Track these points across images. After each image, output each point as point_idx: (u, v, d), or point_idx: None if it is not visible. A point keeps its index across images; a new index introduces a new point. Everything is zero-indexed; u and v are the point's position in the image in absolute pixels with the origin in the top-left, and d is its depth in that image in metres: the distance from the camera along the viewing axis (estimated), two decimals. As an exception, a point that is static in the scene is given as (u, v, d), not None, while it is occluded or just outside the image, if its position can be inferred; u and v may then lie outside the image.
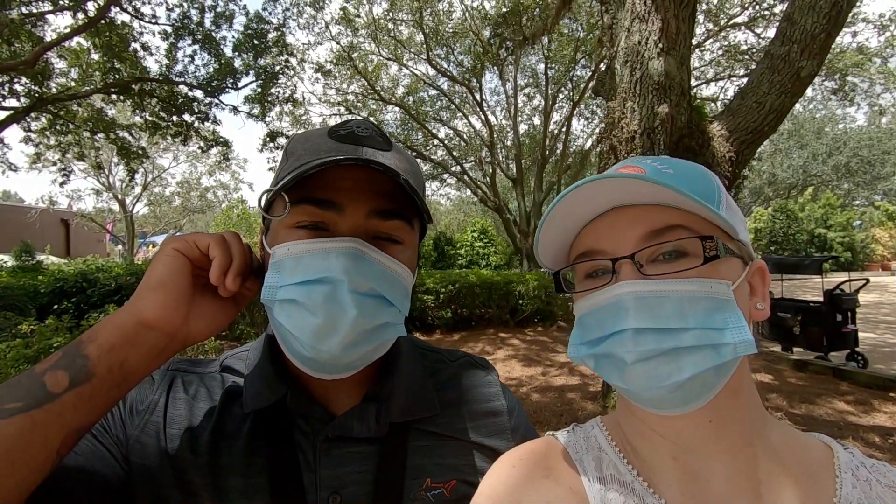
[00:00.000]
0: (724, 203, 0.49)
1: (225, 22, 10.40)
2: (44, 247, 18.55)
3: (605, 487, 0.50)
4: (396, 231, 0.60)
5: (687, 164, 0.52)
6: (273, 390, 0.63)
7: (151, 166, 25.96)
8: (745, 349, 0.43)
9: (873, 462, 0.51)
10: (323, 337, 0.53)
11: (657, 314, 0.44)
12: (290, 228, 0.58)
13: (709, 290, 0.45)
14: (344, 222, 0.57)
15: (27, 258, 12.49)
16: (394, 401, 0.65)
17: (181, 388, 0.65)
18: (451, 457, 0.66)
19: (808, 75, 3.07)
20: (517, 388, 5.41)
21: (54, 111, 9.77)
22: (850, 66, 12.44)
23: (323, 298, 0.53)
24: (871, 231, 28.29)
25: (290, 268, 0.56)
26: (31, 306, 6.23)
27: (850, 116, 36.21)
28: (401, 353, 0.70)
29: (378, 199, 0.58)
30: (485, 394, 0.73)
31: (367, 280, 0.55)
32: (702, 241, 0.45)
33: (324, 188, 0.57)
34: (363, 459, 0.62)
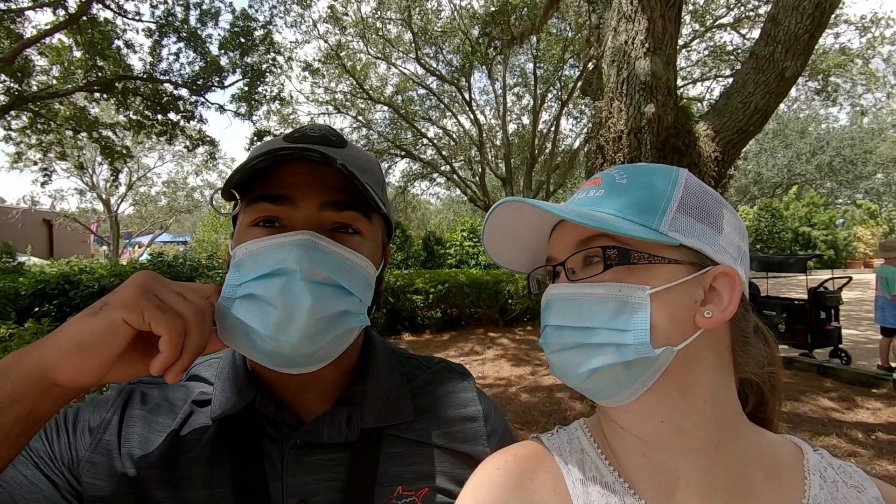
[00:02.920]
0: (670, 212, 0.51)
1: (210, 19, 10.24)
2: (25, 248, 18.20)
3: (587, 489, 0.52)
4: (352, 221, 0.61)
5: (646, 171, 0.55)
6: (242, 395, 0.61)
7: (136, 166, 25.56)
8: (644, 352, 0.46)
9: (840, 463, 0.54)
10: (281, 327, 0.53)
11: (570, 313, 0.51)
12: (248, 227, 0.59)
13: (616, 294, 0.48)
14: (298, 215, 0.58)
15: (8, 259, 12.22)
16: (367, 406, 0.64)
17: (138, 401, 0.63)
18: (425, 464, 0.65)
19: (792, 75, 3.10)
20: (506, 388, 5.41)
21: (35, 109, 9.55)
22: (832, 67, 12.63)
23: (278, 289, 0.53)
24: (854, 229, 28.78)
25: (249, 265, 0.56)
26: (11, 309, 6.09)
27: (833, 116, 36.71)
28: (375, 357, 0.69)
29: (330, 191, 0.59)
30: (460, 399, 0.72)
31: (322, 269, 0.55)
32: (602, 251, 0.50)
33: (276, 185, 0.58)
34: (333, 466, 0.61)
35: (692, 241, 0.50)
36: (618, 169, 0.56)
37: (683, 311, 0.48)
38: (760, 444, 0.53)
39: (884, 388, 5.32)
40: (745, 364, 0.53)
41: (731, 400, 0.52)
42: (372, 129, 17.30)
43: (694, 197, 0.52)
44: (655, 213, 0.50)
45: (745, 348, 0.53)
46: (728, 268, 0.50)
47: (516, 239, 0.60)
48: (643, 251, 0.49)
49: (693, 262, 0.50)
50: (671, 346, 0.47)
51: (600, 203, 0.53)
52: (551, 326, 0.53)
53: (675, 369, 0.48)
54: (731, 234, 0.53)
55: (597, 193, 0.54)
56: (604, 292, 0.49)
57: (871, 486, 0.51)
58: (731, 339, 0.52)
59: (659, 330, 0.47)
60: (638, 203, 0.51)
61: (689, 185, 0.53)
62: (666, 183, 0.53)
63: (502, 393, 5.23)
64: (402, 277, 9.08)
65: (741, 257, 0.53)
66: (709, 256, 0.50)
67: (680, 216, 0.50)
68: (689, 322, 0.48)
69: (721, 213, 0.53)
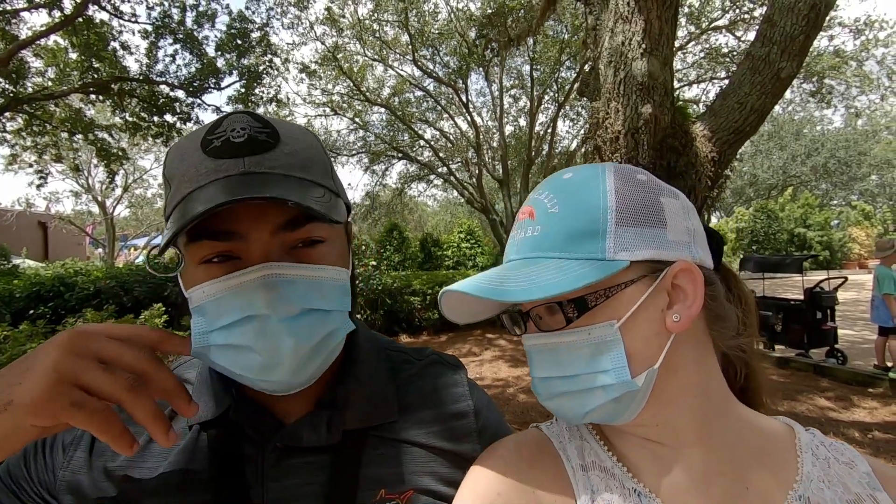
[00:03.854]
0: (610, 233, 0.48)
1: (207, 21, 10.23)
2: (20, 250, 18.09)
3: (587, 474, 0.53)
4: (314, 232, 0.55)
5: (574, 188, 0.52)
6: (218, 402, 0.59)
7: (132, 168, 25.50)
8: (628, 387, 0.47)
9: (831, 441, 0.55)
10: (268, 371, 0.51)
11: (550, 364, 0.52)
12: (199, 265, 0.52)
13: (587, 338, 0.49)
14: (251, 248, 0.52)
15: (2, 262, 12.15)
16: (349, 407, 0.62)
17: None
18: (410, 465, 0.62)
19: (787, 76, 3.12)
20: (504, 389, 5.41)
21: (30, 111, 9.50)
22: (827, 69, 12.71)
23: (254, 335, 0.50)
24: (849, 230, 28.90)
25: (213, 310, 0.51)
26: (6, 311, 6.06)
27: (828, 118, 37.00)
28: (360, 356, 0.67)
29: (280, 213, 0.52)
30: (450, 395, 0.69)
31: (293, 303, 0.51)
32: (560, 307, 0.49)
33: (219, 220, 0.50)
34: (315, 470, 0.58)
35: (641, 254, 0.48)
36: (545, 191, 0.54)
37: (653, 325, 0.48)
38: (753, 426, 0.54)
39: (880, 387, 5.35)
40: (723, 336, 0.53)
41: (718, 383, 0.53)
42: (369, 130, 17.30)
43: (627, 200, 0.50)
44: (596, 238, 0.48)
45: (720, 322, 0.53)
46: (683, 263, 0.49)
47: (477, 308, 0.59)
48: (597, 289, 0.48)
49: (647, 273, 0.49)
50: (651, 368, 0.47)
51: (540, 245, 0.51)
52: (538, 378, 0.54)
53: (661, 382, 0.48)
54: (676, 220, 0.51)
55: (533, 233, 0.52)
56: (575, 339, 0.49)
57: (862, 461, 0.52)
58: (706, 322, 0.52)
59: (636, 356, 0.47)
60: (576, 233, 0.49)
61: (618, 188, 0.50)
62: (596, 196, 0.50)
63: (500, 394, 5.23)
64: (400, 279, 9.08)
65: (693, 237, 0.51)
66: (661, 258, 0.49)
67: (621, 231, 0.48)
68: (662, 332, 0.48)
69: (658, 203, 0.50)
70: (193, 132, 0.57)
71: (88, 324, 0.53)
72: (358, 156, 17.87)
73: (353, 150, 17.69)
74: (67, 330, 0.45)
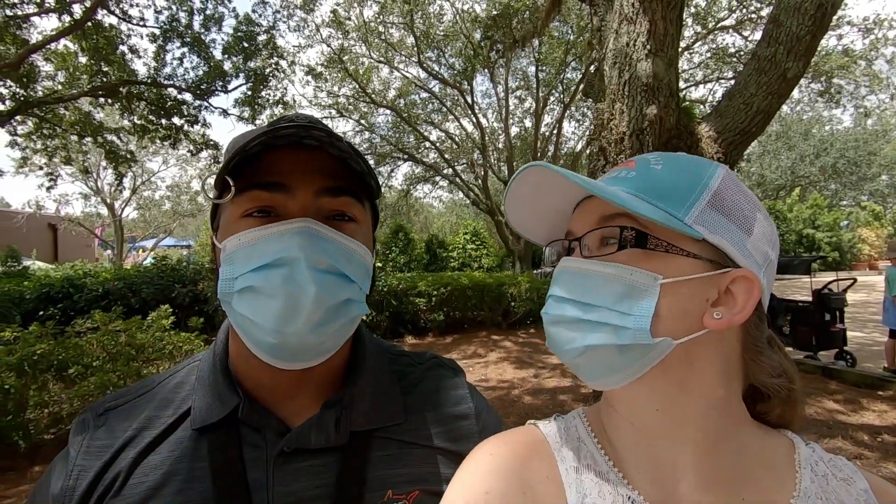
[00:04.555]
0: (699, 204, 0.49)
1: (214, 24, 10.32)
2: (31, 252, 18.29)
3: (580, 477, 0.52)
4: (348, 208, 0.60)
5: (684, 161, 0.54)
6: (224, 402, 0.59)
7: (140, 170, 25.71)
8: (642, 338, 0.46)
9: (831, 457, 0.54)
10: (287, 319, 0.52)
11: (572, 287, 0.51)
12: (239, 219, 0.56)
13: (627, 277, 0.48)
14: (293, 203, 0.56)
15: (13, 264, 12.28)
16: (355, 408, 0.62)
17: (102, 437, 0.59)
18: (416, 466, 0.62)
19: (794, 76, 3.09)
20: (509, 391, 5.40)
21: (41, 115, 9.62)
22: (835, 68, 12.61)
23: (282, 280, 0.52)
24: (858, 231, 28.62)
25: (244, 256, 0.54)
26: (16, 313, 6.14)
27: (837, 118, 36.65)
28: (366, 356, 0.67)
29: (325, 177, 0.58)
30: (452, 397, 0.70)
31: (324, 256, 0.54)
32: (620, 230, 0.49)
33: (269, 172, 0.56)
34: (321, 472, 0.58)
35: (716, 239, 0.48)
36: (655, 155, 0.55)
37: (692, 306, 0.47)
38: (756, 440, 0.53)
39: (889, 390, 5.28)
40: (756, 373, 0.52)
41: (734, 402, 0.52)
42: (374, 132, 17.37)
43: (728, 194, 0.50)
44: (684, 202, 0.49)
45: (756, 357, 0.52)
46: (749, 272, 0.48)
47: (538, 208, 0.58)
48: (662, 238, 0.48)
49: (713, 260, 0.48)
50: (670, 338, 0.46)
51: (629, 184, 0.51)
52: (554, 297, 0.52)
53: (674, 362, 0.48)
54: (761, 240, 0.51)
55: (628, 174, 0.53)
56: (613, 272, 0.48)
57: (861, 478, 0.51)
58: (741, 346, 0.51)
59: (662, 320, 0.46)
60: (667, 190, 0.50)
61: (725, 181, 0.51)
62: (701, 175, 0.51)
63: (505, 395, 5.22)
64: (405, 280, 9.08)
65: (766, 265, 0.51)
66: (731, 257, 0.49)
67: (709, 211, 0.49)
68: (696, 319, 0.47)
69: (754, 216, 0.51)
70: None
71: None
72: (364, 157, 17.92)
73: (360, 151, 17.74)
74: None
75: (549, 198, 0.56)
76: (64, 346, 3.67)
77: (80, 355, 3.70)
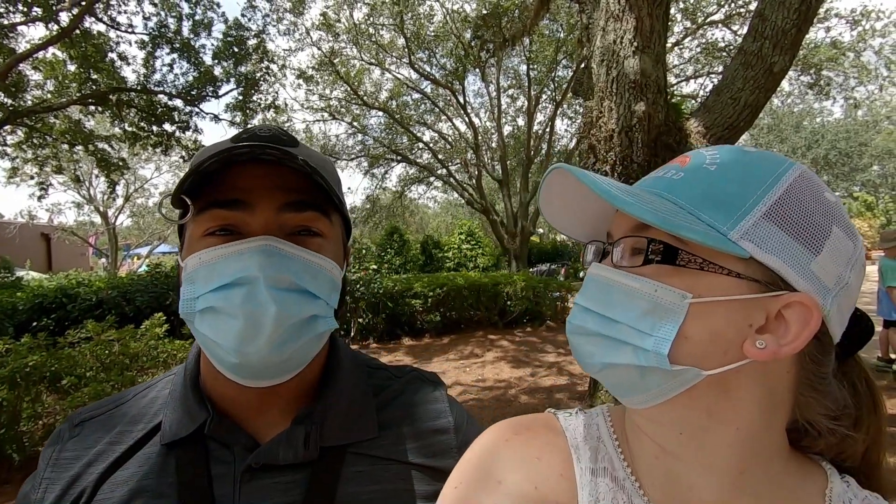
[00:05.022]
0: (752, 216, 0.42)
1: (203, 30, 10.27)
2: (24, 262, 18.17)
3: (595, 480, 0.49)
4: (313, 222, 0.59)
5: (748, 160, 0.46)
6: (193, 418, 0.58)
7: (133, 177, 25.59)
8: (659, 363, 0.41)
9: (866, 495, 0.48)
10: (248, 339, 0.51)
11: (597, 298, 0.47)
12: (201, 238, 0.56)
13: (651, 293, 0.43)
14: (255, 221, 0.55)
15: (6, 275, 12.20)
16: (327, 422, 0.61)
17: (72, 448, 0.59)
18: (389, 482, 0.61)
19: (780, 70, 3.11)
20: (506, 390, 5.40)
21: (30, 124, 9.55)
22: (824, 60, 12.69)
23: (241, 300, 0.51)
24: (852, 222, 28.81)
25: (204, 276, 0.54)
26: (9, 324, 6.08)
27: (828, 110, 36.97)
28: (340, 369, 0.66)
29: (288, 193, 0.57)
30: (431, 411, 0.69)
31: (286, 274, 0.54)
32: (647, 242, 0.44)
33: (230, 189, 0.55)
34: (289, 489, 0.57)
35: (768, 258, 0.41)
36: (714, 150, 0.48)
37: (730, 331, 0.41)
38: (788, 472, 0.47)
39: (883, 380, 5.32)
40: (807, 410, 0.46)
41: (773, 435, 0.46)
42: (367, 134, 17.35)
43: (795, 203, 0.42)
44: (733, 213, 0.42)
45: (814, 393, 0.45)
46: (807, 297, 0.41)
47: (575, 207, 0.53)
48: (696, 255, 0.42)
49: (763, 281, 0.41)
50: (698, 369, 0.41)
51: (673, 188, 0.45)
52: (579, 306, 0.49)
53: (704, 390, 0.43)
54: (833, 260, 0.42)
55: (675, 175, 0.47)
56: (638, 287, 0.44)
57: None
58: (794, 380, 0.44)
59: (691, 344, 0.41)
60: (716, 197, 0.43)
61: (795, 186, 0.43)
62: (763, 179, 0.43)
63: (502, 395, 5.23)
64: (401, 282, 9.07)
65: (840, 290, 0.42)
66: (786, 280, 0.41)
67: (764, 224, 0.41)
68: (735, 346, 0.41)
69: (828, 230, 0.42)
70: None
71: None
72: (357, 160, 17.93)
73: (353, 154, 17.75)
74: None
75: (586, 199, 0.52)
76: (57, 357, 3.65)
77: (74, 366, 3.68)
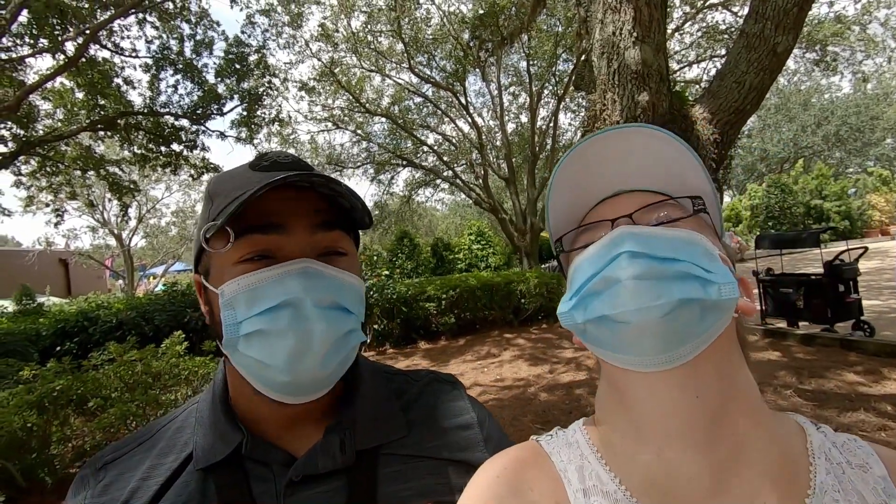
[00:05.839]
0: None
1: (205, 49, 10.42)
2: (44, 288, 18.53)
3: (589, 500, 0.49)
4: (340, 243, 0.63)
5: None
6: (227, 441, 0.59)
7: (145, 199, 25.96)
8: (730, 291, 0.44)
9: (844, 440, 0.51)
10: (299, 357, 0.54)
11: (651, 245, 0.46)
12: (236, 264, 0.57)
13: (699, 238, 0.47)
14: (290, 243, 0.58)
15: (28, 302, 12.47)
16: (358, 427, 0.63)
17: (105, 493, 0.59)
18: (425, 478, 0.63)
19: (784, 50, 3.07)
20: (525, 389, 5.38)
21: (43, 153, 9.76)
22: (829, 36, 12.47)
23: (289, 320, 0.54)
24: (867, 197, 28.22)
25: (246, 301, 0.55)
26: (34, 350, 6.20)
27: (836, 85, 36.28)
28: (362, 378, 0.68)
29: (317, 214, 0.60)
30: (453, 408, 0.71)
31: (326, 294, 0.57)
32: (692, 200, 0.51)
33: (263, 214, 0.57)
34: (332, 496, 0.58)
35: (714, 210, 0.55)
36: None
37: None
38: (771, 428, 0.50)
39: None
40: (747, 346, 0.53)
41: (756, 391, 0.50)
42: (372, 141, 17.42)
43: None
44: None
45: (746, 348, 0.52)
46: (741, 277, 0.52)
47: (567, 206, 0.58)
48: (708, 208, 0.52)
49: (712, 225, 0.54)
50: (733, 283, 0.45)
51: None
52: (627, 252, 0.45)
53: (720, 343, 0.46)
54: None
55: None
56: (687, 236, 0.47)
57: (877, 462, 0.48)
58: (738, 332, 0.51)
59: None
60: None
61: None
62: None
63: (521, 393, 5.21)
64: (413, 286, 9.09)
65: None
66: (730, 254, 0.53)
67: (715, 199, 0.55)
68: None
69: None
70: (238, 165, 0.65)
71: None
72: (363, 167, 18.00)
73: (358, 161, 17.83)
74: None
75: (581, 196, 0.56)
76: (82, 380, 3.72)
77: (99, 388, 3.74)
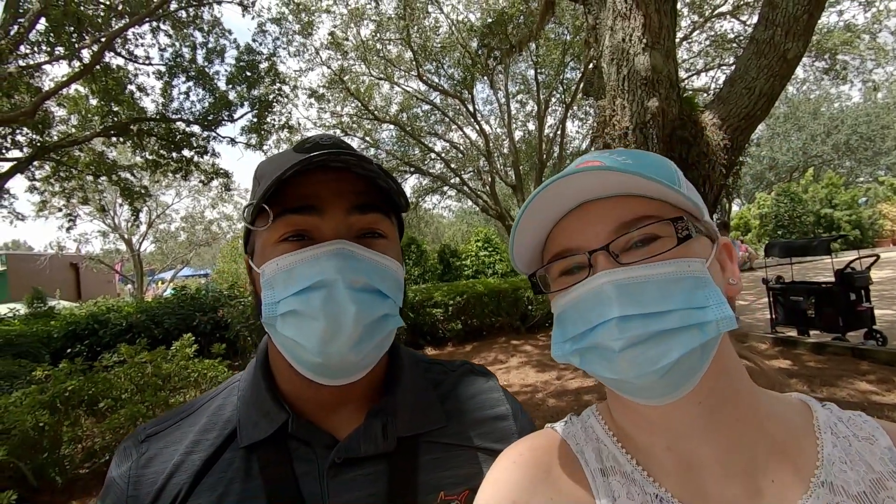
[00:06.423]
0: (685, 185, 0.50)
1: (217, 57, 10.59)
2: (54, 292, 18.73)
3: (606, 479, 0.50)
4: (377, 224, 0.62)
5: (643, 153, 0.52)
6: (272, 419, 0.60)
7: (155, 204, 26.23)
8: (727, 325, 0.43)
9: (849, 415, 0.52)
10: (330, 339, 0.54)
11: (639, 299, 0.43)
12: (275, 244, 0.58)
13: (687, 269, 0.45)
14: (326, 225, 0.58)
15: (39, 305, 12.61)
16: (399, 415, 0.64)
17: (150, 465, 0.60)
18: (463, 467, 0.64)
19: (794, 57, 3.08)
20: (532, 395, 5.36)
21: (57, 158, 9.93)
22: (839, 44, 12.44)
23: (321, 302, 0.54)
24: (878, 207, 27.93)
25: (283, 281, 0.56)
26: (45, 352, 6.28)
27: (846, 94, 36.16)
28: (403, 367, 0.70)
29: (354, 196, 0.60)
30: (489, 399, 0.73)
31: (360, 276, 0.56)
32: (673, 223, 0.46)
33: (300, 197, 0.58)
34: (374, 481, 0.60)
35: (706, 216, 0.49)
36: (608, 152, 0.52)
37: (719, 281, 0.47)
38: (775, 408, 0.51)
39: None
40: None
41: (745, 372, 0.51)
42: (380, 148, 17.51)
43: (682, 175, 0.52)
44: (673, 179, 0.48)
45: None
46: (726, 239, 0.51)
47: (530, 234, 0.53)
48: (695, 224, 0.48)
49: (708, 235, 0.50)
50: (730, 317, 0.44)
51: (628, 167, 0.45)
52: (616, 318, 0.43)
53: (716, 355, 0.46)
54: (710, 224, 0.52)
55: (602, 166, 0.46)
56: (675, 270, 0.44)
57: (883, 435, 0.49)
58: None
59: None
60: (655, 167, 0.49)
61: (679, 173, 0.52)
62: (663, 162, 0.52)
63: (529, 400, 5.19)
64: (421, 292, 9.10)
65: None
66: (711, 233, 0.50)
67: (690, 192, 0.49)
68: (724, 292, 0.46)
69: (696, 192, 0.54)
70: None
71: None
72: (371, 174, 18.05)
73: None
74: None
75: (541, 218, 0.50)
76: (93, 381, 3.75)
77: (109, 389, 3.78)
